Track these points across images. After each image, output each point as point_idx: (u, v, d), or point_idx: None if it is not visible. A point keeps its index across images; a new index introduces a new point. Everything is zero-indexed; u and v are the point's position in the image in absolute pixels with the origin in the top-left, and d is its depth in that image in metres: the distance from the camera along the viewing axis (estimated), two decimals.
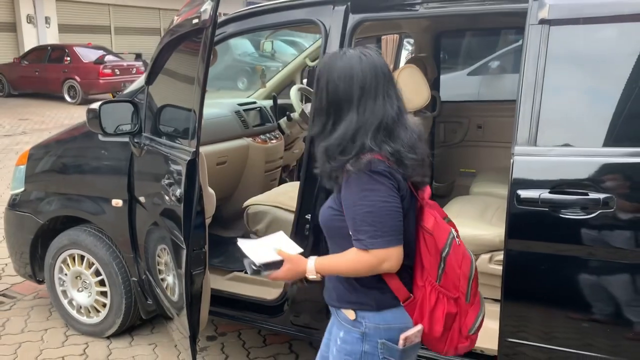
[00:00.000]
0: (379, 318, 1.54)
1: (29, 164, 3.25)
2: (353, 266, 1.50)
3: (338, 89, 1.48)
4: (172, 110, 2.61)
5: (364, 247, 1.45)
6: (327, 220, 1.58)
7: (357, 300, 1.55)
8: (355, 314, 1.55)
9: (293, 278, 1.58)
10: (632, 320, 1.86)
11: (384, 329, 1.54)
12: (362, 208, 1.44)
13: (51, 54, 14.34)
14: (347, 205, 1.48)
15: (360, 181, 1.44)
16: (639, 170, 1.81)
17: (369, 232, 1.44)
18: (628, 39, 1.85)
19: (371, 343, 1.54)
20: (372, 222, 1.43)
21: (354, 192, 1.45)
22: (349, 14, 2.38)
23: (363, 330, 1.54)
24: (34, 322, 3.39)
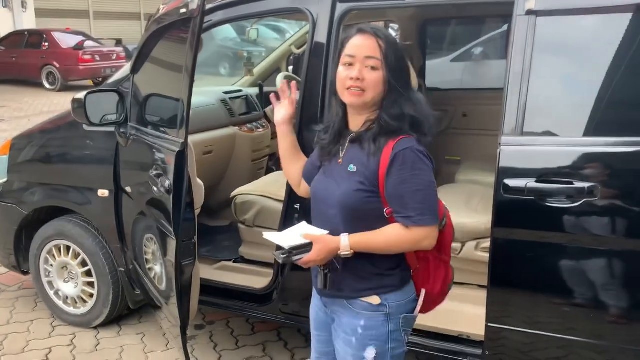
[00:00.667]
0: (401, 295, 1.61)
1: (12, 154, 3.20)
2: (393, 242, 1.53)
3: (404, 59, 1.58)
4: (159, 99, 2.58)
5: (412, 224, 1.50)
6: (359, 204, 1.55)
7: (381, 285, 1.59)
8: (380, 297, 1.59)
9: (326, 258, 1.54)
10: (615, 304, 1.92)
11: (404, 304, 1.62)
12: (412, 186, 1.49)
13: (29, 39, 14.07)
14: (393, 182, 1.50)
15: (409, 159, 1.49)
16: (622, 159, 1.86)
17: (418, 209, 1.49)
18: (612, 30, 1.87)
19: (394, 321, 1.61)
20: (421, 200, 1.50)
21: (402, 169, 1.49)
22: (337, 2, 2.37)
23: (387, 311, 1.59)
24: (20, 313, 3.37)
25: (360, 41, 1.54)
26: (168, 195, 2.11)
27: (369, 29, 1.56)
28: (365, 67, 1.53)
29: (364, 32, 1.55)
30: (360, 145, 1.58)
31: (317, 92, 2.40)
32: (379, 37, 1.53)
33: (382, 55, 1.52)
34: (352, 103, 1.58)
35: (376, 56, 1.52)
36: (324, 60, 2.39)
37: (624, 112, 1.89)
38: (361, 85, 1.53)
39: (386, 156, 1.51)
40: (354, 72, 1.52)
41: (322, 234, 1.58)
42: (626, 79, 1.84)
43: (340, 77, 1.57)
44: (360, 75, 1.52)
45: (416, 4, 2.39)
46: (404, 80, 1.56)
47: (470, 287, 2.60)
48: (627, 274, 1.90)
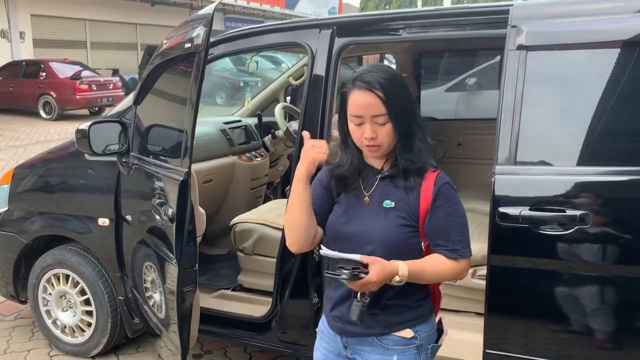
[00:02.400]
0: (429, 325, 1.62)
1: (13, 183, 3.23)
2: (441, 272, 1.55)
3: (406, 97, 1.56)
4: (162, 130, 2.64)
5: (459, 257, 1.54)
6: (403, 238, 1.54)
7: (414, 317, 1.59)
8: (412, 330, 1.58)
9: (383, 281, 1.46)
10: (608, 330, 1.96)
11: (432, 334, 1.63)
12: (457, 219, 1.54)
13: (26, 69, 14.19)
14: (439, 216, 1.52)
15: (450, 194, 1.54)
16: (612, 188, 1.92)
17: (463, 242, 1.54)
18: (600, 64, 1.96)
19: (424, 352, 1.61)
20: (464, 233, 1.55)
21: (447, 204, 1.53)
22: (335, 37, 2.47)
23: (418, 343, 1.59)
24: (16, 342, 3.35)
25: (362, 100, 1.51)
26: (171, 223, 2.15)
27: (364, 84, 1.50)
28: (374, 124, 1.51)
29: (361, 88, 1.51)
30: (392, 181, 1.57)
31: (315, 123, 2.47)
32: (376, 89, 1.49)
33: (386, 109, 1.50)
34: (373, 156, 1.59)
35: (381, 112, 1.50)
36: (322, 91, 2.47)
37: (612, 142, 1.96)
38: (376, 143, 1.53)
39: (427, 191, 1.53)
40: (367, 132, 1.52)
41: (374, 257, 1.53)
42: (614, 110, 1.92)
43: (355, 135, 1.55)
44: (373, 134, 1.52)
45: (411, 39, 2.47)
46: (410, 114, 1.55)
47: (468, 315, 2.63)
48: (618, 300, 1.94)
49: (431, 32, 2.35)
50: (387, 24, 2.42)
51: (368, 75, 1.51)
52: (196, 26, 2.15)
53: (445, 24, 2.31)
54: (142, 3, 19.69)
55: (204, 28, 2.03)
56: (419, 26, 2.36)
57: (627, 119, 1.94)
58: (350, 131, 1.57)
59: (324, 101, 2.47)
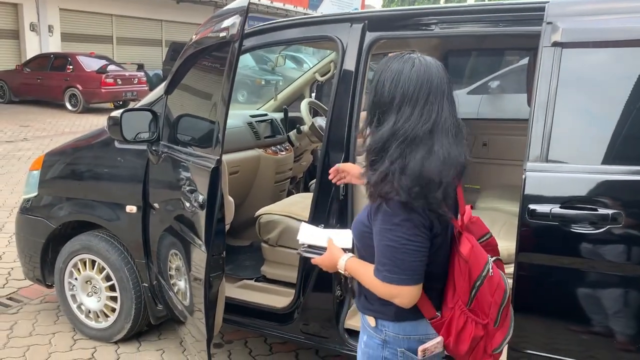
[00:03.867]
0: (398, 328, 1.55)
1: (43, 170, 3.30)
2: (370, 284, 1.50)
3: (384, 90, 1.43)
4: (193, 119, 2.67)
5: (380, 279, 1.45)
6: (358, 235, 1.57)
7: (377, 309, 1.56)
8: (376, 321, 1.58)
9: (328, 266, 1.63)
10: (636, 332, 1.93)
11: (402, 339, 1.55)
12: (383, 240, 1.42)
13: (54, 62, 14.44)
14: (374, 230, 1.46)
15: (389, 211, 1.40)
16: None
17: (387, 265, 1.43)
18: (635, 62, 1.94)
19: (391, 350, 1.56)
20: (390, 257, 1.42)
21: (379, 221, 1.43)
22: (366, 31, 2.47)
23: (383, 337, 1.56)
24: (42, 325, 3.42)
25: None
26: (201, 210, 2.17)
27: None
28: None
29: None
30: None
31: (344, 117, 2.48)
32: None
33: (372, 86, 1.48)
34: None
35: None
36: (352, 86, 2.48)
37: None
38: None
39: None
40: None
41: (347, 247, 1.66)
42: None
43: None
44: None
45: (442, 35, 2.47)
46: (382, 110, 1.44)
47: None
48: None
49: (463, 27, 2.35)
50: (419, 19, 2.42)
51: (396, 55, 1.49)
52: (230, 17, 2.17)
53: (478, 19, 2.30)
54: (168, 0, 19.89)
55: (239, 18, 2.05)
56: (452, 22, 2.35)
57: None
58: None
59: (353, 96, 2.48)
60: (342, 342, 2.56)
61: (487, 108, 6.64)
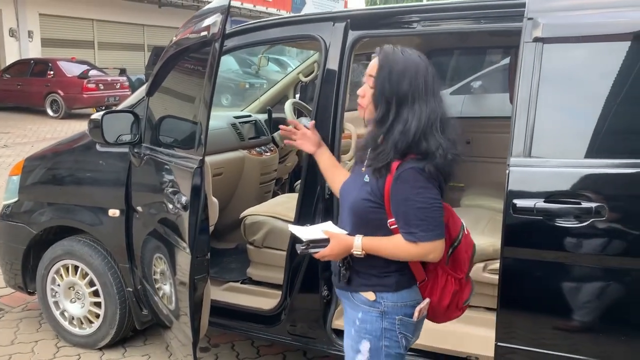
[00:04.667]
0: (396, 297, 1.69)
1: (23, 175, 3.24)
2: (399, 252, 1.63)
3: (404, 80, 1.58)
4: (176, 120, 2.65)
5: (415, 240, 1.58)
6: (364, 212, 1.66)
7: (377, 283, 1.68)
8: (375, 295, 1.68)
9: (339, 255, 1.66)
10: (622, 324, 1.95)
11: (400, 307, 1.69)
12: (415, 204, 1.57)
13: (34, 67, 14.26)
14: (398, 199, 1.59)
15: (413, 178, 1.57)
16: (628, 180, 1.91)
17: (421, 226, 1.58)
18: (616, 56, 1.95)
19: (389, 320, 1.69)
20: (424, 217, 1.58)
21: (407, 188, 1.57)
22: (349, 30, 2.47)
23: (382, 309, 1.68)
24: (24, 333, 3.35)
25: (372, 60, 1.68)
26: (184, 211, 2.15)
27: (379, 48, 1.67)
28: (367, 85, 1.67)
29: (377, 52, 1.67)
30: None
31: (328, 117, 2.47)
32: (379, 55, 1.65)
33: (377, 74, 1.62)
34: (359, 116, 1.73)
35: (372, 74, 1.64)
36: (335, 85, 2.47)
37: (629, 134, 1.95)
38: (361, 102, 1.69)
39: (391, 174, 1.59)
40: (360, 89, 1.68)
41: (342, 233, 1.70)
42: (631, 102, 1.91)
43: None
44: (362, 92, 1.68)
45: (425, 32, 2.47)
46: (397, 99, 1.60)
47: (478, 310, 2.61)
48: (633, 294, 1.93)
49: (446, 25, 2.35)
50: (401, 17, 2.42)
51: (389, 46, 1.67)
52: (211, 15, 2.15)
53: (460, 17, 2.31)
54: (150, 4, 19.77)
55: (220, 16, 2.03)
56: (434, 19, 2.35)
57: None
58: None
59: (337, 95, 2.47)
60: (330, 343, 2.55)
61: (470, 108, 6.69)
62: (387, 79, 1.60)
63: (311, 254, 1.68)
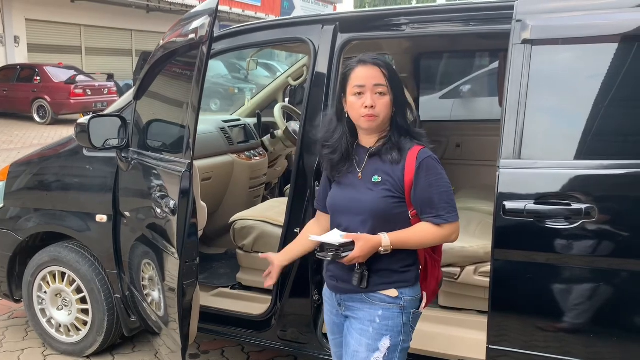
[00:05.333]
0: (413, 291, 1.79)
1: (9, 181, 3.20)
2: (426, 238, 1.73)
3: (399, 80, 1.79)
4: (164, 124, 2.62)
5: (443, 222, 1.70)
6: (388, 209, 1.72)
7: (397, 279, 1.76)
8: (398, 291, 1.75)
9: (368, 254, 1.69)
10: (614, 325, 1.94)
11: (415, 300, 1.80)
12: (439, 188, 1.70)
13: (20, 73, 14.12)
14: (422, 186, 1.70)
15: (433, 165, 1.71)
16: (618, 181, 1.91)
17: (447, 208, 1.70)
18: (604, 57, 1.96)
19: (407, 314, 1.77)
20: (448, 200, 1.71)
21: (430, 175, 1.70)
22: (338, 33, 2.46)
23: (402, 304, 1.76)
24: (10, 342, 3.30)
25: (366, 72, 1.72)
26: (173, 215, 2.12)
27: (369, 59, 1.73)
28: (374, 95, 1.71)
29: (366, 63, 1.73)
30: (380, 158, 1.76)
31: (317, 119, 2.45)
32: (380, 65, 1.73)
33: (387, 81, 1.72)
34: (368, 127, 1.75)
35: (383, 83, 1.72)
36: (324, 88, 2.46)
37: (618, 135, 1.96)
38: (374, 112, 1.72)
39: (411, 165, 1.71)
40: (367, 100, 1.71)
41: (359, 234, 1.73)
42: (620, 103, 1.92)
43: (354, 106, 1.74)
44: (373, 102, 1.71)
45: (414, 35, 2.47)
46: (403, 97, 1.78)
47: (469, 313, 2.60)
48: (623, 295, 1.93)
49: (435, 27, 2.35)
50: (390, 20, 2.42)
51: (370, 55, 1.75)
52: (199, 18, 2.13)
53: (449, 19, 2.31)
54: (138, 9, 19.68)
55: (208, 18, 2.02)
56: (423, 22, 2.36)
57: (632, 112, 1.94)
58: (350, 105, 1.75)
59: (326, 98, 2.46)
60: (321, 348, 2.53)
61: (460, 112, 6.72)
62: (398, 81, 1.75)
63: (341, 257, 1.68)
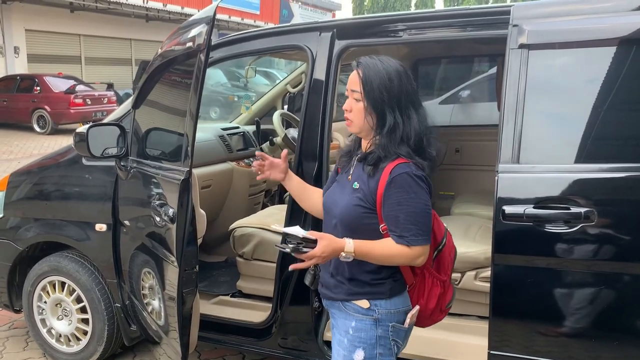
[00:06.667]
0: (390, 304, 1.70)
1: (9, 190, 3.19)
2: (390, 255, 1.62)
3: (392, 87, 1.62)
4: (163, 133, 2.62)
5: (406, 244, 1.60)
6: (356, 218, 1.66)
7: (369, 291, 1.69)
8: (369, 302, 1.68)
9: (329, 256, 1.60)
10: (615, 329, 1.94)
11: (394, 313, 1.70)
12: (408, 208, 1.59)
13: (20, 83, 14.14)
14: (391, 202, 1.60)
15: (407, 183, 1.59)
16: (616, 185, 1.91)
17: (412, 230, 1.59)
18: (600, 61, 1.97)
19: (383, 327, 1.70)
20: (415, 222, 1.60)
21: (400, 193, 1.59)
22: (335, 40, 2.47)
23: (376, 316, 1.69)
24: (10, 352, 3.29)
25: (353, 74, 1.69)
26: (172, 223, 2.12)
27: (355, 61, 1.68)
28: (352, 99, 1.68)
29: (355, 66, 1.68)
30: (363, 165, 1.70)
31: (316, 127, 2.46)
32: (359, 68, 1.66)
33: (361, 87, 1.64)
34: (350, 131, 1.74)
35: (356, 89, 1.66)
36: (322, 95, 2.46)
37: (616, 139, 1.96)
38: (349, 116, 1.70)
39: (384, 179, 1.61)
40: (345, 103, 1.70)
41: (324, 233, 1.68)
42: (617, 106, 1.92)
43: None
44: (349, 106, 1.69)
45: (411, 41, 2.48)
46: (383, 108, 1.63)
47: (470, 319, 2.60)
48: (623, 298, 1.92)
49: (432, 33, 2.36)
50: (387, 26, 2.42)
51: (365, 58, 1.68)
52: (197, 26, 2.14)
53: (446, 25, 2.32)
54: (137, 19, 19.76)
55: (205, 27, 2.02)
56: (420, 27, 2.36)
57: (629, 115, 1.94)
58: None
59: (324, 105, 2.46)
60: (322, 355, 2.52)
61: (459, 117, 6.73)
62: (376, 88, 1.62)
63: (301, 252, 1.58)
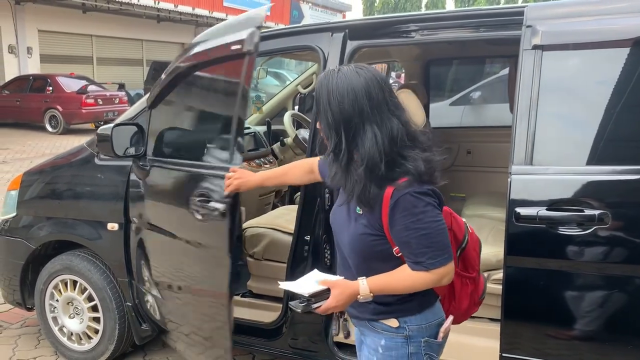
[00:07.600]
0: (420, 319, 1.60)
1: (22, 189, 3.22)
2: (412, 285, 1.51)
3: (343, 105, 1.45)
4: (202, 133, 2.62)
5: (423, 269, 1.48)
6: (366, 247, 1.54)
7: (397, 309, 1.59)
8: (398, 320, 1.59)
9: (345, 304, 1.53)
10: (628, 333, 1.92)
11: (425, 328, 1.60)
12: (417, 231, 1.45)
13: (33, 83, 14.27)
14: (398, 229, 1.47)
15: (410, 204, 1.44)
16: (630, 187, 1.89)
17: (427, 253, 1.46)
18: (614, 62, 1.95)
19: (415, 344, 1.59)
20: (429, 244, 1.46)
21: (406, 216, 1.45)
22: (347, 40, 2.47)
23: (407, 334, 1.59)
24: (22, 350, 3.31)
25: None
26: (222, 218, 2.13)
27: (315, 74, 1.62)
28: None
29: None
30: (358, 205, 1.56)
31: None
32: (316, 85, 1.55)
33: (315, 106, 1.56)
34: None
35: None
36: None
37: (630, 141, 1.94)
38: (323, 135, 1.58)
39: (386, 203, 1.47)
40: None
41: (337, 279, 1.58)
42: (632, 108, 1.91)
43: None
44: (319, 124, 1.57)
45: (423, 41, 2.47)
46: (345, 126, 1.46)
47: (482, 321, 2.58)
48: (638, 301, 1.90)
49: (444, 34, 2.35)
50: (399, 27, 2.42)
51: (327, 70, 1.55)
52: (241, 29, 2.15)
53: (459, 25, 2.31)
54: (148, 20, 19.87)
55: (254, 29, 2.06)
56: (432, 28, 2.36)
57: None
58: None
59: None
60: (332, 356, 2.51)
61: (470, 118, 6.72)
62: (327, 109, 1.47)
63: (313, 309, 1.50)
